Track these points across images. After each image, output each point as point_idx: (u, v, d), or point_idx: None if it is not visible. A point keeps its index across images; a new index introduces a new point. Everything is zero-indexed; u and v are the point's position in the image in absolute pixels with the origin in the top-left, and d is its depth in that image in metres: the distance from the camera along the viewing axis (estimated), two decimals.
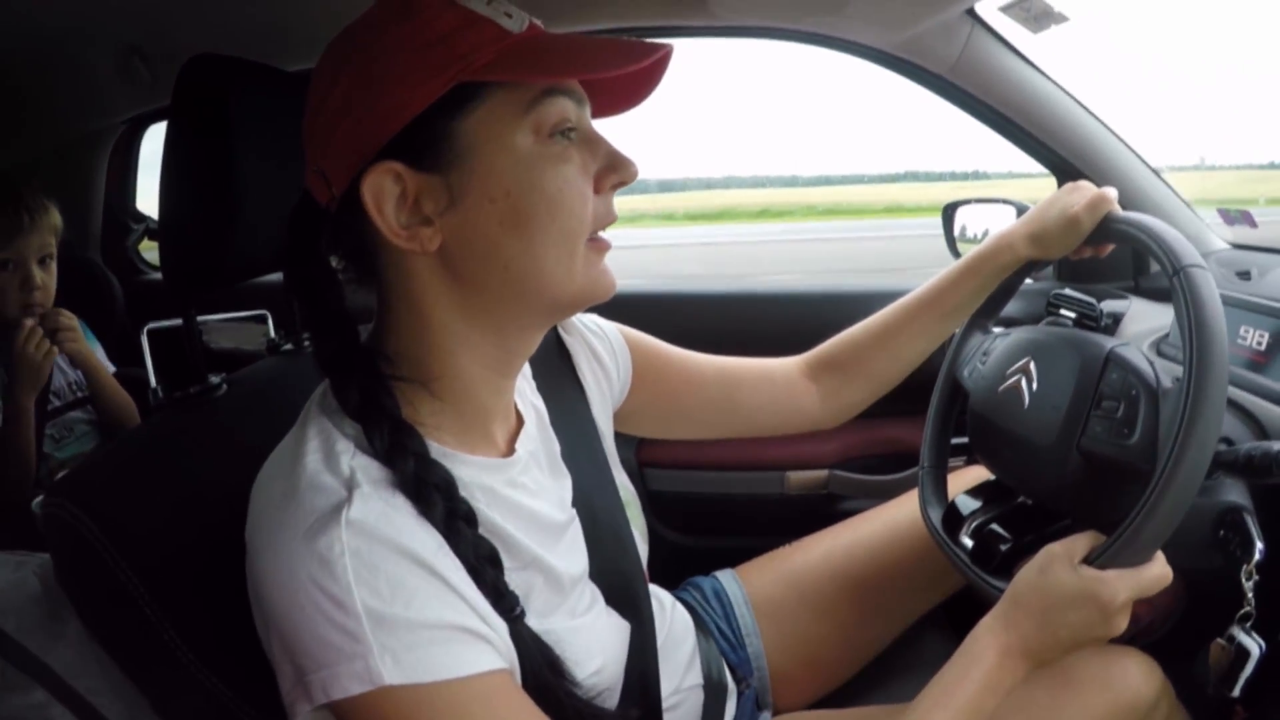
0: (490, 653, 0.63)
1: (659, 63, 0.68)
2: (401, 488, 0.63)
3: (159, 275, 2.16)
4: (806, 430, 1.10)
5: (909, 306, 1.05)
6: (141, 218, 2.23)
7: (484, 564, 0.65)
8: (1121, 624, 0.76)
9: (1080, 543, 0.78)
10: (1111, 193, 0.92)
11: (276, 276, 1.00)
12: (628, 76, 0.67)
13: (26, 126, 1.93)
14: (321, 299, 0.69)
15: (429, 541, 0.62)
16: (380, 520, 0.60)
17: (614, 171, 0.69)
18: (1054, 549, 0.79)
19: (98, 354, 1.82)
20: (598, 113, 0.71)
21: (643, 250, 9.11)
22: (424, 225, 0.65)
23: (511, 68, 0.63)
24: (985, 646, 0.78)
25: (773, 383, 1.07)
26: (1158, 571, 0.76)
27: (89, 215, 2.13)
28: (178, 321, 0.89)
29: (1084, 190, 0.93)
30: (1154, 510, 0.72)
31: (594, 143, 0.68)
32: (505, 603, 0.66)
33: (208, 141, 0.78)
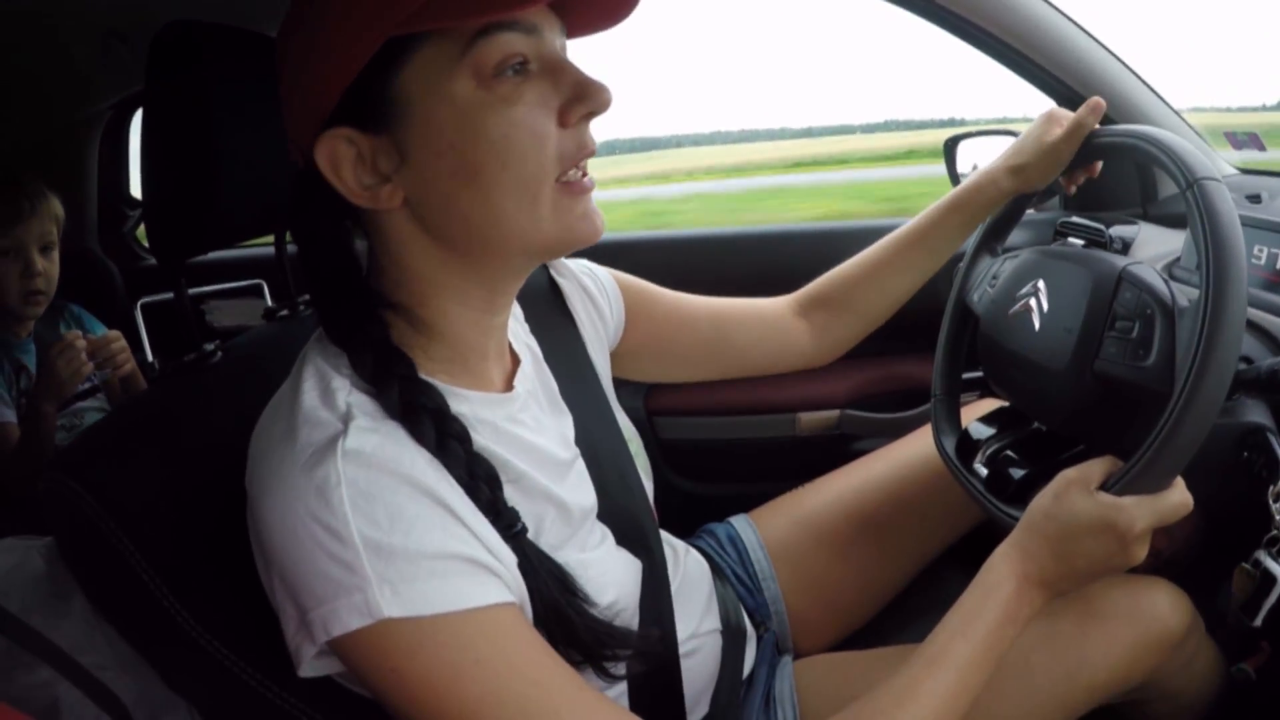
0: (496, 585, 0.62)
1: None
2: (389, 412, 0.62)
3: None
4: (799, 368, 1.10)
5: (896, 242, 1.06)
6: (136, 203, 2.23)
7: (479, 482, 0.64)
8: (1140, 553, 0.75)
9: (1096, 469, 0.77)
10: (1094, 110, 0.92)
11: (268, 249, 1.00)
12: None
13: (13, 116, 1.91)
14: (322, 245, 0.68)
15: (430, 471, 0.61)
16: (378, 449, 0.59)
17: (581, 101, 0.63)
18: (1069, 475, 0.77)
19: None
20: (574, 33, 0.68)
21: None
22: (384, 183, 0.64)
23: (438, 13, 0.59)
24: (1003, 575, 0.77)
25: (764, 321, 1.08)
26: (1178, 499, 0.75)
27: (84, 203, 2.12)
28: (171, 295, 0.88)
29: (1060, 118, 0.94)
30: (1172, 435, 0.70)
31: (557, 72, 0.63)
32: (504, 519, 0.65)
33: (184, 110, 0.77)
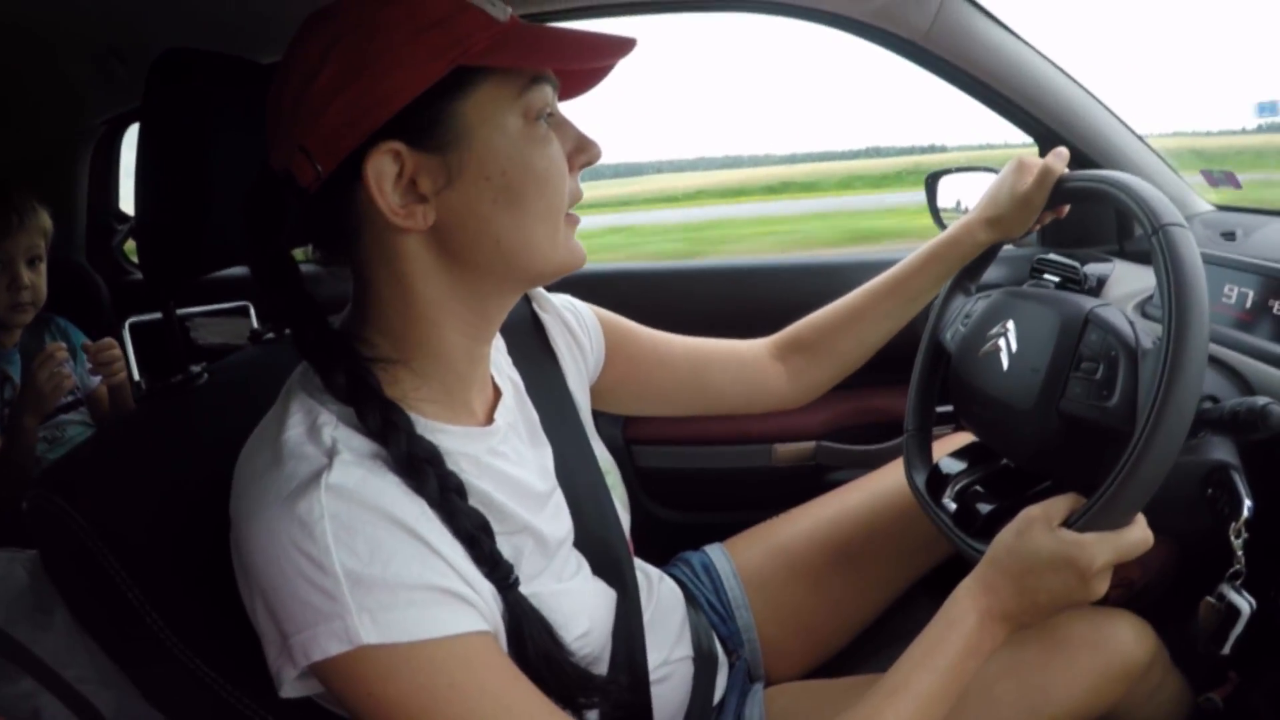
0: (471, 614, 0.64)
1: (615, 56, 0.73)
2: (394, 466, 0.64)
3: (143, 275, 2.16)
4: (774, 409, 1.13)
5: (874, 291, 1.08)
6: (125, 218, 2.23)
7: (479, 534, 0.66)
8: (1100, 588, 0.76)
9: (1059, 505, 0.79)
10: (1060, 157, 0.95)
11: None
12: (591, 68, 0.74)
13: (7, 129, 1.92)
14: (291, 285, 0.69)
15: (410, 507, 0.63)
16: (360, 485, 0.61)
17: (581, 152, 0.73)
18: (1032, 512, 0.79)
19: None
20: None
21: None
22: (419, 203, 0.66)
23: (507, 55, 0.65)
24: (965, 609, 0.78)
25: (741, 362, 1.10)
26: (1138, 536, 0.76)
27: (73, 217, 2.12)
28: (159, 315, 0.89)
29: (1029, 167, 0.96)
30: (1133, 473, 0.72)
31: (563, 126, 0.72)
32: (500, 571, 0.67)
33: (180, 135, 0.79)
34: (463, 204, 0.66)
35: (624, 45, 0.70)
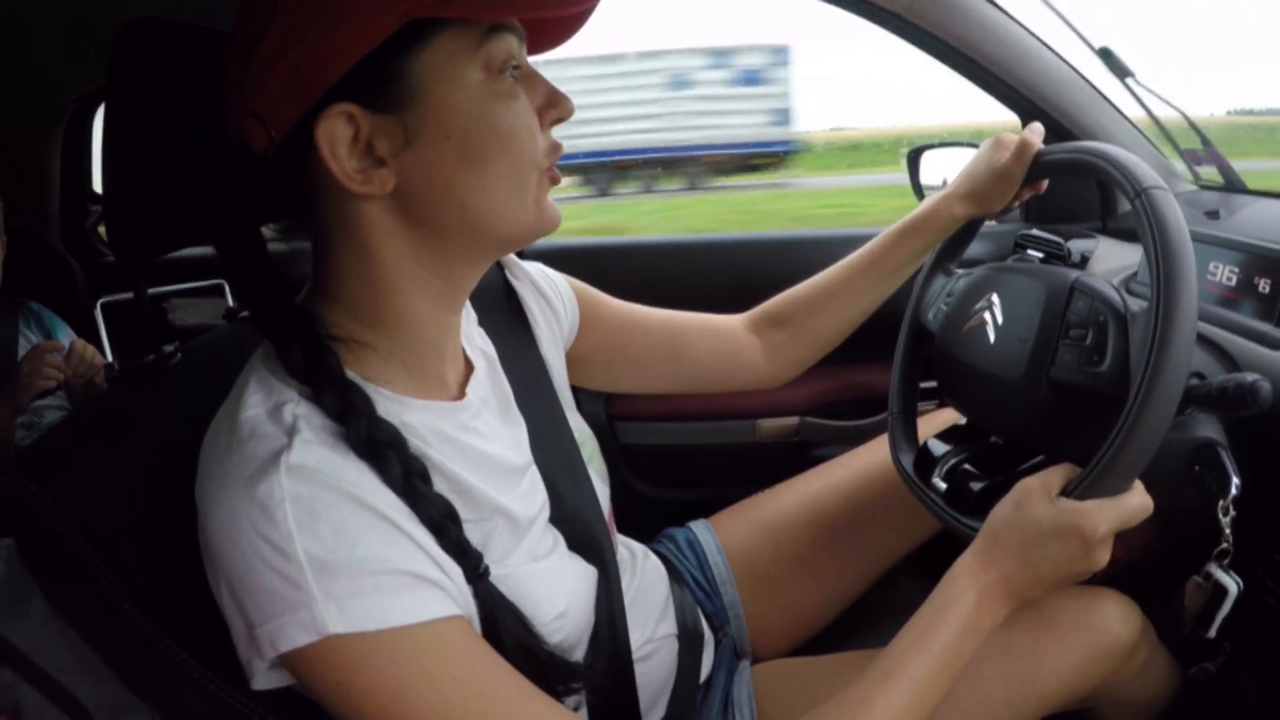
0: (442, 599, 0.62)
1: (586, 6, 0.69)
2: (355, 449, 0.62)
3: None
4: (751, 387, 1.11)
5: (852, 266, 1.07)
6: (98, 199, 2.19)
7: (446, 521, 0.64)
8: (1103, 557, 0.75)
9: (1056, 475, 0.78)
10: (1035, 132, 0.95)
11: None
12: (556, 15, 0.69)
13: None
14: (254, 258, 0.67)
15: (373, 483, 0.61)
16: (321, 463, 0.60)
17: (553, 107, 0.69)
18: (1029, 483, 0.78)
19: (69, 338, 1.80)
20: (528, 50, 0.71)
21: None
22: (377, 167, 0.63)
23: (462, 3, 0.61)
24: (963, 587, 0.77)
25: (718, 336, 1.08)
26: (1138, 501, 0.75)
27: (45, 199, 2.08)
28: (131, 294, 0.88)
29: (1007, 142, 0.96)
30: (1130, 435, 0.71)
31: (533, 79, 0.68)
32: (469, 560, 0.65)
33: (146, 108, 0.77)
34: (423, 165, 0.63)
35: None
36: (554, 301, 0.96)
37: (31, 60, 1.72)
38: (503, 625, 0.67)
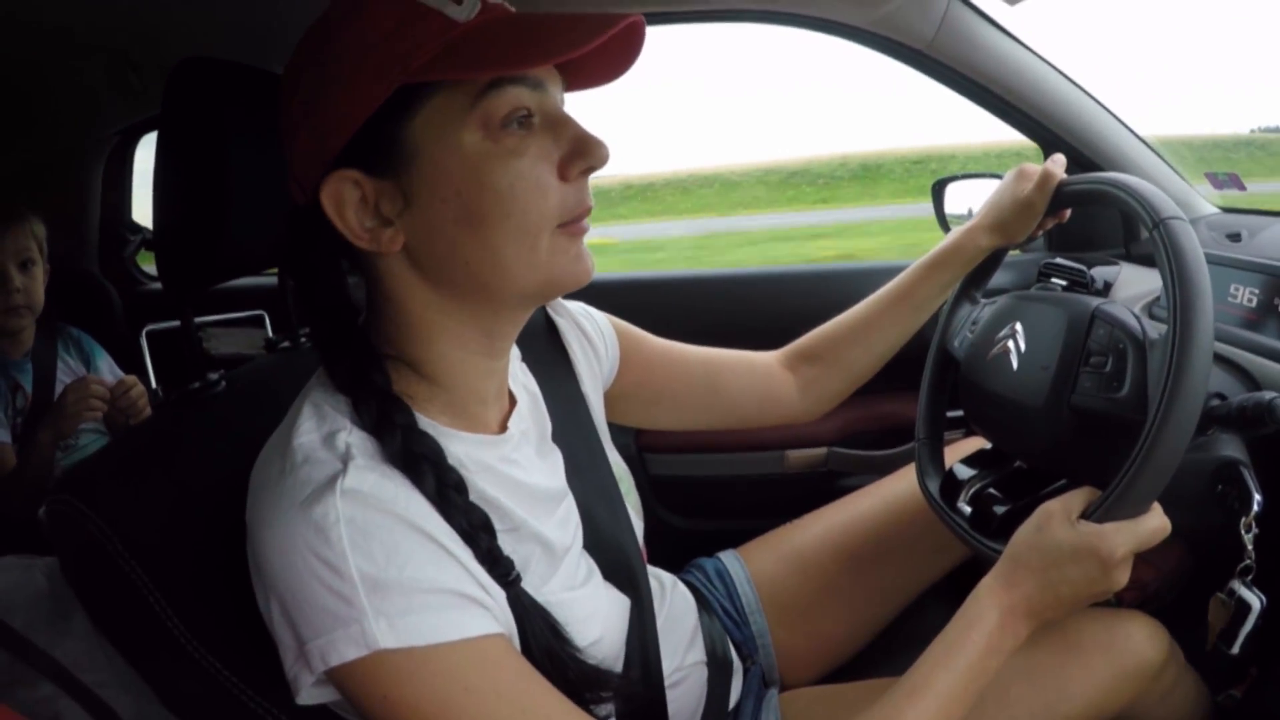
0: (486, 618, 0.64)
1: (630, 35, 0.66)
2: (391, 460, 0.64)
3: (157, 285, 2.17)
4: (785, 421, 1.12)
5: (881, 300, 1.08)
6: (138, 229, 2.24)
7: (478, 531, 0.66)
8: (1122, 578, 0.76)
9: (1076, 499, 0.79)
10: (1058, 163, 0.96)
11: (272, 280, 1.02)
12: (601, 50, 0.63)
13: (19, 138, 1.94)
14: (320, 283, 0.70)
15: (424, 509, 0.63)
16: (375, 489, 0.61)
17: (581, 156, 0.65)
18: (1050, 506, 0.80)
19: (107, 364, 1.84)
20: (574, 86, 0.70)
21: None
22: (385, 226, 0.65)
23: (449, 66, 0.61)
24: (987, 607, 0.78)
25: (754, 372, 1.10)
26: (1156, 523, 0.76)
27: (86, 227, 2.13)
28: (176, 323, 0.90)
29: (1030, 174, 0.98)
30: (1148, 459, 0.73)
31: (559, 126, 0.66)
32: (500, 568, 0.67)
33: (198, 144, 0.79)
34: (425, 226, 0.65)
35: (604, 25, 0.61)
36: (595, 341, 0.97)
37: (78, 91, 1.77)
38: (531, 632, 0.68)
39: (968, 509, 0.98)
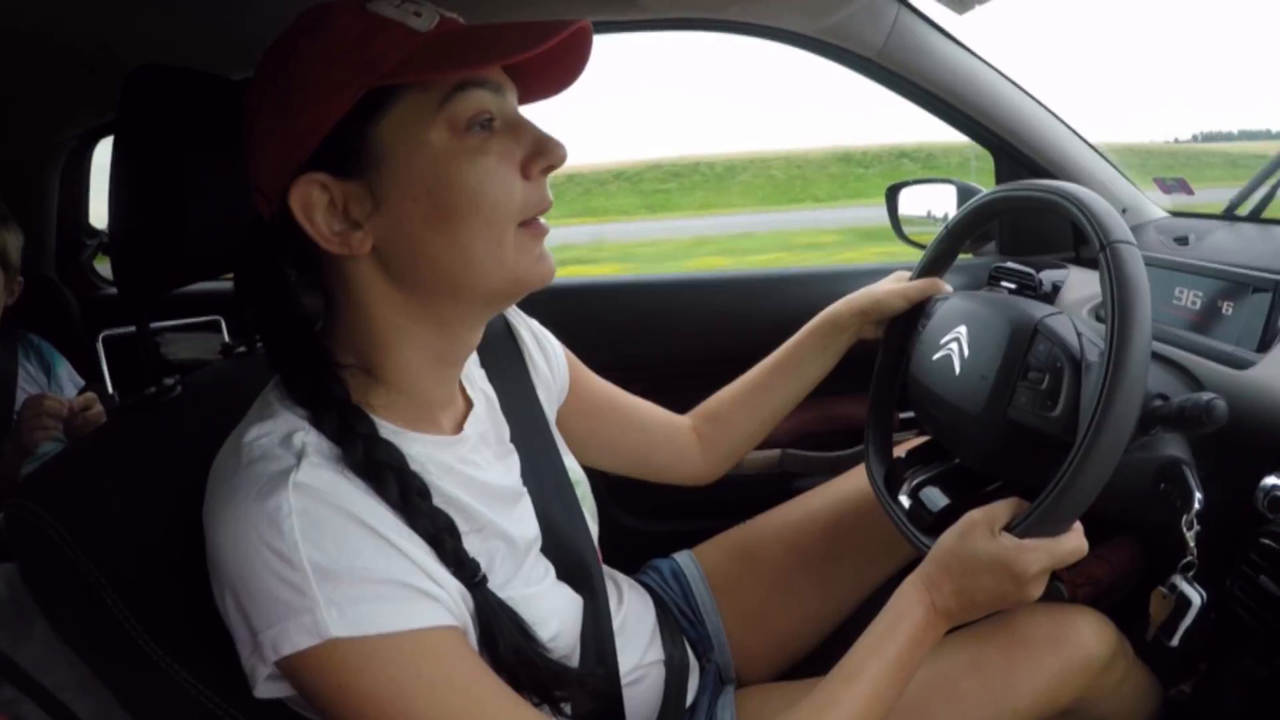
0: (438, 609, 0.65)
1: (579, 44, 0.70)
2: (354, 469, 0.65)
3: (114, 289, 2.15)
4: (689, 481, 1.17)
5: (767, 367, 1.15)
6: (95, 233, 2.21)
7: (443, 534, 0.67)
8: (1035, 592, 0.80)
9: (1002, 510, 0.82)
10: (934, 288, 1.09)
11: (228, 285, 1.02)
12: (552, 60, 0.68)
13: None
14: (274, 301, 0.71)
15: (376, 508, 0.64)
16: (326, 485, 0.63)
17: (541, 156, 0.69)
18: (975, 515, 0.83)
19: (67, 371, 1.82)
20: (526, 98, 0.73)
21: None
22: (354, 229, 0.67)
23: (416, 69, 0.64)
24: (911, 603, 0.82)
25: (673, 426, 1.15)
26: (1073, 544, 0.80)
27: (43, 232, 2.09)
28: (132, 328, 0.90)
29: (905, 292, 1.11)
30: (1070, 485, 0.76)
31: (518, 129, 0.69)
32: (466, 570, 0.69)
33: (154, 150, 0.80)
34: (394, 226, 0.67)
35: (554, 30, 0.64)
36: (551, 359, 1.00)
37: (35, 95, 1.75)
38: (500, 632, 0.70)
39: (906, 502, 1.01)
